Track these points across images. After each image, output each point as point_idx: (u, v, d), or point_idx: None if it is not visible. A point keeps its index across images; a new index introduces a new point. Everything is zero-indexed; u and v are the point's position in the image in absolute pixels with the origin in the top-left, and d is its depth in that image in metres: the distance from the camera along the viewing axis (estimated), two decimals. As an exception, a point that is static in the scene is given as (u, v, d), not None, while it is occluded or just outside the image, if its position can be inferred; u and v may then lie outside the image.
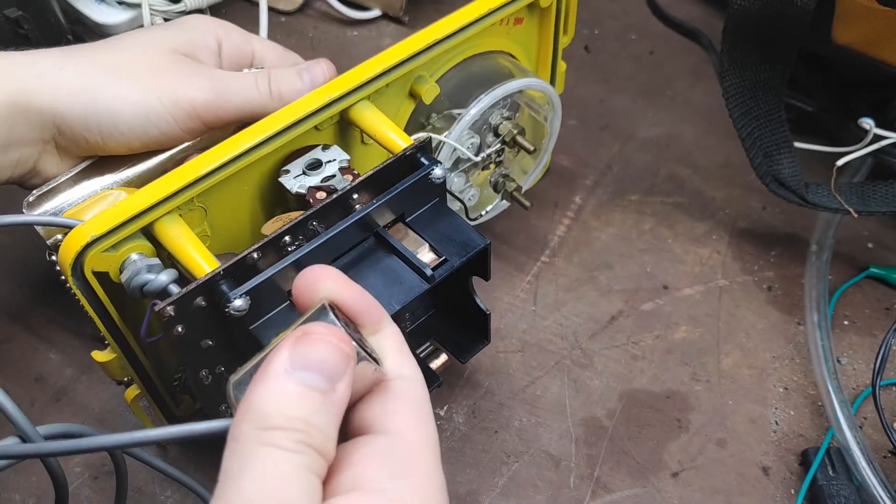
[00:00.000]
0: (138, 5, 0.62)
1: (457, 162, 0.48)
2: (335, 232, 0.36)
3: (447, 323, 0.45)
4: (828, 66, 0.58)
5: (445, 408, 0.48)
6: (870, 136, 0.49)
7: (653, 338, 0.51)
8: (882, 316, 0.52)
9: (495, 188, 0.52)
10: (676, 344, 0.51)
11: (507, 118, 0.49)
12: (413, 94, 0.45)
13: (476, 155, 0.48)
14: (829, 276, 0.52)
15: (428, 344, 0.45)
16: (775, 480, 0.45)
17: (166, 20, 0.63)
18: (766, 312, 0.52)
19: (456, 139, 0.46)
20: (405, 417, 0.28)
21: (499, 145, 0.49)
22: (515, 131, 0.48)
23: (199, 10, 0.65)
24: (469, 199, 0.50)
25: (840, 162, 0.49)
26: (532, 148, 0.48)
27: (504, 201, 0.52)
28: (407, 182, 0.38)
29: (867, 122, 0.48)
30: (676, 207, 0.58)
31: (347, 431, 0.28)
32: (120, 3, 0.63)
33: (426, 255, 0.38)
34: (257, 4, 0.65)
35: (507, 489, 0.45)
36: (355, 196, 0.37)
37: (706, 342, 0.51)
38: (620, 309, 0.52)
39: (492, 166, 0.50)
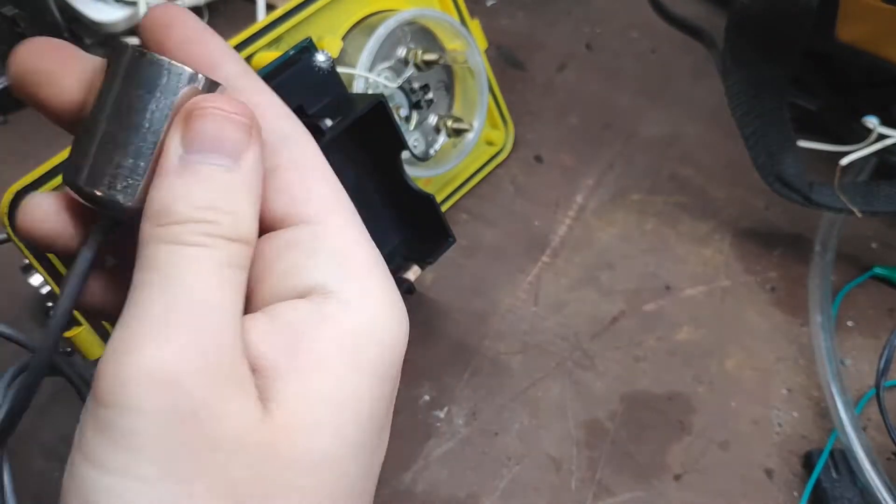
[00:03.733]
0: (135, 3, 0.62)
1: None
2: None
3: (413, 242, 0.45)
4: (832, 64, 0.58)
5: (445, 409, 0.47)
6: (874, 135, 0.48)
7: (655, 339, 0.50)
8: (886, 317, 0.51)
9: (437, 130, 0.54)
10: (679, 345, 0.50)
11: (418, 49, 0.51)
12: None
13: (392, 83, 0.50)
14: (832, 276, 0.52)
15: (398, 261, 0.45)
16: (778, 483, 0.45)
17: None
18: (769, 313, 0.52)
19: (364, 70, 0.47)
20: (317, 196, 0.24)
21: (412, 70, 0.51)
22: (420, 50, 0.50)
23: (197, 8, 0.65)
24: (413, 144, 0.52)
25: (844, 161, 0.48)
26: (436, 57, 0.50)
27: (448, 138, 0.54)
28: (287, 71, 0.38)
29: (871, 121, 0.48)
30: (679, 207, 0.57)
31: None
32: (117, 1, 0.62)
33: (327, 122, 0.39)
34: (255, 2, 0.64)
35: (508, 492, 0.44)
36: None
37: (709, 343, 0.50)
38: (622, 310, 0.52)
39: (432, 116, 0.53)
